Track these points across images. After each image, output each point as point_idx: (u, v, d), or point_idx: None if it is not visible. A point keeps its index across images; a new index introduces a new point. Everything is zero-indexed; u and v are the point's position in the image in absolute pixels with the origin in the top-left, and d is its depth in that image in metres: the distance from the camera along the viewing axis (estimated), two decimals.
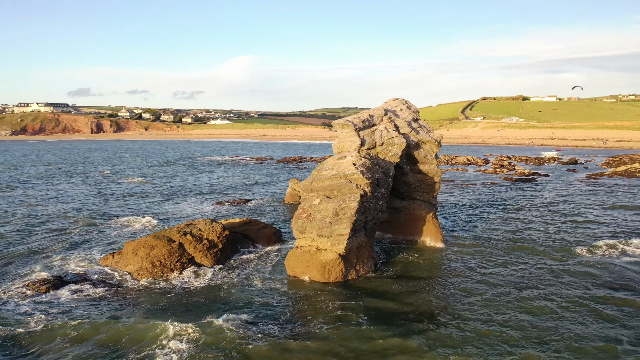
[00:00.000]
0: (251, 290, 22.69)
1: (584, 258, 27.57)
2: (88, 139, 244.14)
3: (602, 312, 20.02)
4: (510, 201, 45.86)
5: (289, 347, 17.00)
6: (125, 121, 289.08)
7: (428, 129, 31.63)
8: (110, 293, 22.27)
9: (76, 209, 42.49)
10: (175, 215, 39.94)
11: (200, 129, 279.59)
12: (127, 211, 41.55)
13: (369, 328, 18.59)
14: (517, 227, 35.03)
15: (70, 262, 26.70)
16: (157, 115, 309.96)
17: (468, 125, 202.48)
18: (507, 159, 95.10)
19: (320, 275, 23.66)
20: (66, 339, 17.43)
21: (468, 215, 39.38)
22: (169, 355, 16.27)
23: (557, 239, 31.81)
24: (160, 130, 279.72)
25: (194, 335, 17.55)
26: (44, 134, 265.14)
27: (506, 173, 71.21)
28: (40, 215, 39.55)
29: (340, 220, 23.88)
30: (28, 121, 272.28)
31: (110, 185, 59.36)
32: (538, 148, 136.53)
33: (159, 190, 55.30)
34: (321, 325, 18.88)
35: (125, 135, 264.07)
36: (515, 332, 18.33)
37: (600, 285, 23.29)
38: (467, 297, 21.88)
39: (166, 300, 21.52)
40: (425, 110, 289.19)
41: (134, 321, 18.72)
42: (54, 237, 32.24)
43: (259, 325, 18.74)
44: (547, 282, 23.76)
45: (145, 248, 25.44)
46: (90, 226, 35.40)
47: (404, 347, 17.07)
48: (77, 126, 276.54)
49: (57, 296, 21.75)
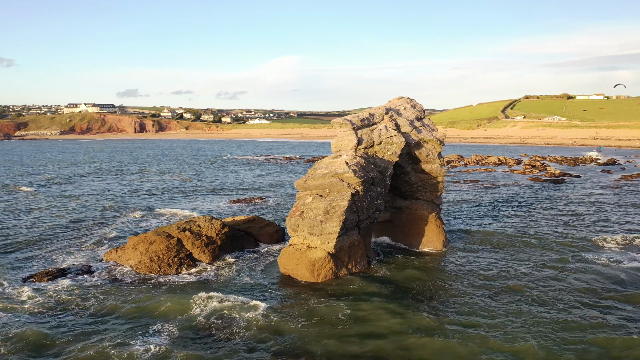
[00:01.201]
0: (238, 285, 23.08)
1: (591, 261, 26.59)
2: (131, 138, 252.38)
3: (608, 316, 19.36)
4: (529, 202, 44.57)
5: (260, 339, 17.26)
6: (167, 121, 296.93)
7: (432, 127, 31.21)
8: (103, 283, 23.13)
9: (102, 203, 44.23)
10: (187, 211, 40.92)
11: (238, 129, 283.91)
12: (144, 206, 42.86)
13: (344, 327, 18.62)
14: (527, 229, 34.09)
15: (80, 255, 27.94)
16: (197, 115, 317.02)
17: (507, 124, 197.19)
18: (541, 160, 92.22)
19: (310, 274, 23.80)
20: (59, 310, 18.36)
21: (480, 216, 38.58)
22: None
23: (565, 241, 30.79)
24: (200, 130, 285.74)
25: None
26: (91, 133, 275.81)
27: (535, 174, 69.15)
28: (73, 210, 41.37)
29: (330, 219, 23.97)
30: (76, 121, 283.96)
31: (135, 182, 61.34)
32: (580, 148, 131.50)
33: (181, 187, 56.75)
34: (296, 321, 19.04)
35: (166, 134, 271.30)
36: (499, 337, 17.95)
37: (606, 290, 22.46)
38: (457, 300, 21.51)
39: (149, 291, 22.16)
40: (464, 110, 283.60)
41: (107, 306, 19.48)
42: (79, 230, 33.77)
43: (230, 320, 19.09)
44: (546, 286, 23.05)
45: (144, 243, 26.28)
46: (105, 219, 36.81)
47: (377, 349, 17.00)
48: (122, 126, 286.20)
49: (57, 285, 22.85)
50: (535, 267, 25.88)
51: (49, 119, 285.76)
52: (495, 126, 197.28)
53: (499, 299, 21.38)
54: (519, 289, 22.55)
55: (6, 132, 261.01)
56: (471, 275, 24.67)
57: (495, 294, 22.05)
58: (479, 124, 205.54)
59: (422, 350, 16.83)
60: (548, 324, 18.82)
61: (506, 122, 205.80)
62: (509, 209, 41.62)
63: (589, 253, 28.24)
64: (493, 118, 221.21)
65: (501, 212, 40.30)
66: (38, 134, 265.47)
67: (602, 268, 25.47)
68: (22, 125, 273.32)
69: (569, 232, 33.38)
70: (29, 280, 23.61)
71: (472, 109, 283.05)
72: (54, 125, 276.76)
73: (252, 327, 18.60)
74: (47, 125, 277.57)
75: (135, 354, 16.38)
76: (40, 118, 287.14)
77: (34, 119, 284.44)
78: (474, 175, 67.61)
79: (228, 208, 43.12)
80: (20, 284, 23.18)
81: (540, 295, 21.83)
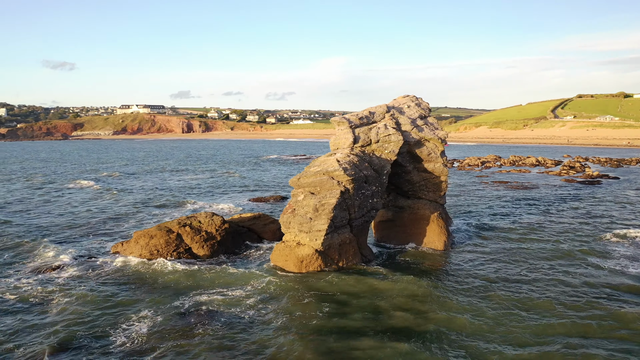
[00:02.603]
0: (226, 279, 23.61)
1: (600, 267, 25.49)
2: (178, 138, 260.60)
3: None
4: (552, 204, 42.97)
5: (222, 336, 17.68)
6: (213, 121, 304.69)
7: (435, 126, 30.75)
8: (102, 274, 24.24)
9: (134, 197, 46.18)
10: (204, 207, 42.05)
11: (281, 129, 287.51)
12: (174, 201, 44.37)
13: (323, 321, 18.75)
14: (540, 231, 32.95)
15: (91, 246, 29.35)
16: (243, 116, 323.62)
17: (555, 124, 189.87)
18: (583, 161, 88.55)
19: (298, 270, 24.05)
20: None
21: (495, 217, 37.56)
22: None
23: (577, 242, 29.59)
24: (245, 130, 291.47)
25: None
26: (141, 133, 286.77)
27: (571, 175, 66.52)
28: (104, 204, 43.48)
29: (319, 216, 24.13)
30: (128, 122, 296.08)
31: (170, 180, 63.44)
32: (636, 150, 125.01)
33: (206, 185, 58.26)
34: (274, 315, 19.34)
35: (212, 134, 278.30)
36: (479, 342, 17.62)
37: (616, 299, 21.54)
38: (442, 301, 21.15)
39: (138, 281, 23.07)
40: (512, 110, 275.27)
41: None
42: (101, 223, 35.48)
43: (209, 312, 19.61)
44: (550, 295, 22.22)
45: (145, 237, 27.32)
46: (130, 214, 38.45)
47: (354, 346, 17.03)
48: (170, 126, 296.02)
49: (60, 275, 24.19)
50: (539, 270, 25.02)
51: (103, 119, 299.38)
52: (543, 126, 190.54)
53: (489, 304, 20.70)
54: (513, 296, 21.80)
55: (64, 132, 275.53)
56: (466, 277, 24.13)
57: (486, 298, 21.34)
58: (525, 124, 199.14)
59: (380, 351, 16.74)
60: (532, 332, 18.25)
61: (554, 122, 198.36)
62: (528, 210, 40.32)
63: (598, 257, 27.06)
64: (541, 118, 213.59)
65: (518, 213, 39.10)
66: (92, 134, 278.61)
67: (603, 272, 24.36)
68: (78, 126, 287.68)
69: (583, 232, 32.03)
70: (37, 272, 25.08)
71: (521, 109, 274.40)
72: (107, 126, 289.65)
73: (228, 319, 19.03)
74: (101, 125, 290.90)
75: (110, 346, 17.14)
76: (95, 119, 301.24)
77: (89, 120, 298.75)
78: (505, 176, 65.78)
79: (245, 205, 43.98)
80: (27, 275, 24.69)
81: (534, 301, 21.03)
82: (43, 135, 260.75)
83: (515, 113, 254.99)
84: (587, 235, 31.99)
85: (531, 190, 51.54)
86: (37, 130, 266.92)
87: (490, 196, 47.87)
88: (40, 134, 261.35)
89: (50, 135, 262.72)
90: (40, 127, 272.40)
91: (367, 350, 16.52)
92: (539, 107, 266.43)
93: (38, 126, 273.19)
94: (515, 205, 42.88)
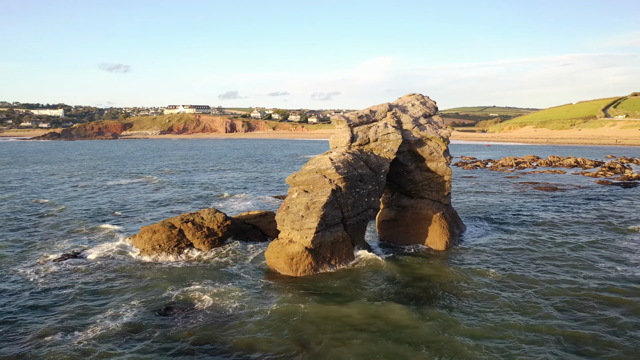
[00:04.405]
0: (221, 273, 24.19)
1: (609, 278, 24.49)
2: (222, 137, 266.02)
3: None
4: (575, 206, 41.33)
5: None
6: (256, 121, 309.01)
7: (439, 125, 30.30)
8: (104, 265, 25.37)
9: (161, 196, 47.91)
10: (228, 204, 43.04)
11: (322, 129, 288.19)
12: (196, 196, 45.71)
13: (307, 317, 19.00)
14: (550, 235, 31.85)
15: (102, 240, 30.74)
16: (285, 116, 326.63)
17: (605, 124, 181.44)
18: (626, 162, 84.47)
19: (288, 267, 24.31)
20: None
21: (508, 218, 36.53)
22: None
23: (584, 247, 28.47)
24: (287, 130, 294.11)
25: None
26: (187, 133, 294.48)
27: (608, 177, 63.62)
28: (134, 200, 45.40)
29: (310, 214, 24.33)
30: (174, 122, 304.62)
31: (196, 177, 65.20)
32: None
33: (239, 181, 59.51)
34: (258, 310, 19.73)
35: (254, 134, 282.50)
36: (469, 345, 17.42)
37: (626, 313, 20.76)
38: (433, 302, 20.87)
39: (132, 273, 24.01)
40: (561, 109, 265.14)
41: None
42: (118, 216, 37.13)
43: (188, 304, 20.21)
44: (547, 302, 21.62)
45: (148, 233, 28.33)
46: (161, 206, 39.98)
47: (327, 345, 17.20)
48: (214, 126, 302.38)
49: (72, 263, 25.61)
50: (540, 274, 24.25)
51: (151, 119, 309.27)
52: (591, 126, 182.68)
53: (483, 307, 20.22)
54: (509, 302, 21.14)
55: (114, 132, 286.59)
56: (461, 278, 23.72)
57: (482, 300, 20.83)
58: (572, 123, 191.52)
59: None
60: (519, 339, 17.83)
61: (604, 121, 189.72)
62: (545, 211, 38.97)
63: (608, 261, 25.98)
64: (590, 117, 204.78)
65: (535, 214, 37.86)
66: (141, 134, 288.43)
67: (612, 272, 23.39)
68: (127, 126, 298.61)
69: (594, 235, 30.74)
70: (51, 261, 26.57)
71: (570, 108, 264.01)
72: (154, 126, 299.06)
73: (213, 313, 19.57)
74: (149, 125, 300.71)
75: (92, 333, 18.03)
76: (143, 119, 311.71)
77: (138, 120, 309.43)
78: (536, 177, 63.70)
79: (266, 202, 44.75)
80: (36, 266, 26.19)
81: (531, 308, 20.39)
82: (95, 134, 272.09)
83: (564, 112, 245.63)
84: (596, 240, 30.70)
85: (557, 192, 49.73)
86: (90, 130, 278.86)
87: (512, 197, 46.54)
88: (92, 134, 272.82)
89: (102, 134, 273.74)
90: (92, 127, 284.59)
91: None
92: (589, 106, 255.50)
93: (90, 126, 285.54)
94: (534, 206, 41.54)
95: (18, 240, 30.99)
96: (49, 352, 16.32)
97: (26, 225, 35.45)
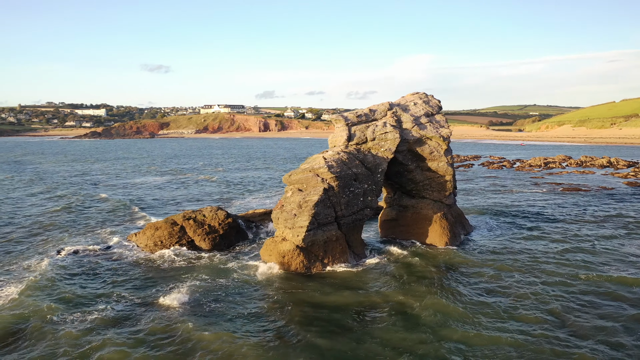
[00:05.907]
0: (215, 270, 24.68)
1: (611, 279, 23.70)
2: (255, 136, 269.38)
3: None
4: (595, 208, 39.94)
5: None
6: (289, 120, 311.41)
7: (441, 124, 29.90)
8: (105, 260, 26.29)
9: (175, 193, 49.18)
10: (243, 201, 43.73)
11: None
12: (220, 191, 46.73)
13: (292, 316, 19.24)
14: (559, 237, 30.94)
15: (114, 236, 31.81)
16: (318, 115, 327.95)
17: None
18: None
19: (280, 265, 24.56)
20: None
21: (520, 219, 35.62)
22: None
23: (588, 250, 27.55)
24: (319, 129, 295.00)
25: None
26: (221, 132, 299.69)
27: (639, 178, 61.14)
28: (155, 197, 46.85)
29: (302, 213, 24.50)
30: (209, 121, 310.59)
31: (229, 175, 66.49)
32: None
33: (251, 181, 60.34)
34: (243, 307, 20.09)
35: (287, 133, 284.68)
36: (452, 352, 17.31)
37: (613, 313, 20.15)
38: (419, 304, 20.59)
39: (128, 268, 24.75)
40: (602, 107, 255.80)
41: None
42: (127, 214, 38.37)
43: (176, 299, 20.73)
44: (536, 313, 21.04)
45: (151, 229, 29.14)
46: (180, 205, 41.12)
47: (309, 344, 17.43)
48: (248, 125, 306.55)
49: (73, 258, 26.60)
50: (536, 281, 23.61)
51: (187, 119, 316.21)
52: (634, 125, 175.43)
53: (474, 313, 19.87)
54: (502, 307, 20.70)
55: (151, 131, 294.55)
56: (457, 280, 23.38)
57: (473, 305, 20.46)
58: (613, 122, 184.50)
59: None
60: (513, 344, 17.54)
61: None
62: (561, 213, 37.77)
63: (612, 266, 25.10)
64: (632, 116, 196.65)
65: (549, 215, 36.80)
66: (177, 133, 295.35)
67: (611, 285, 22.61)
68: (164, 125, 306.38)
69: (608, 240, 29.68)
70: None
71: (612, 106, 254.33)
72: (190, 125, 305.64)
73: (201, 308, 20.05)
74: (185, 125, 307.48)
75: (85, 320, 18.79)
76: (179, 118, 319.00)
77: (175, 119, 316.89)
78: (562, 178, 61.86)
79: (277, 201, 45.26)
80: None
81: (518, 315, 19.98)
82: (133, 133, 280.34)
83: (606, 110, 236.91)
84: (604, 245, 29.64)
85: (580, 193, 48.14)
86: (128, 129, 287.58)
87: (530, 197, 45.39)
88: (130, 133, 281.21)
89: (140, 133, 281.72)
90: (131, 126, 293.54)
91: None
92: (633, 105, 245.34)
93: (129, 125, 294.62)
94: (551, 207, 40.35)
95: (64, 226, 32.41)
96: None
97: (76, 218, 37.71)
